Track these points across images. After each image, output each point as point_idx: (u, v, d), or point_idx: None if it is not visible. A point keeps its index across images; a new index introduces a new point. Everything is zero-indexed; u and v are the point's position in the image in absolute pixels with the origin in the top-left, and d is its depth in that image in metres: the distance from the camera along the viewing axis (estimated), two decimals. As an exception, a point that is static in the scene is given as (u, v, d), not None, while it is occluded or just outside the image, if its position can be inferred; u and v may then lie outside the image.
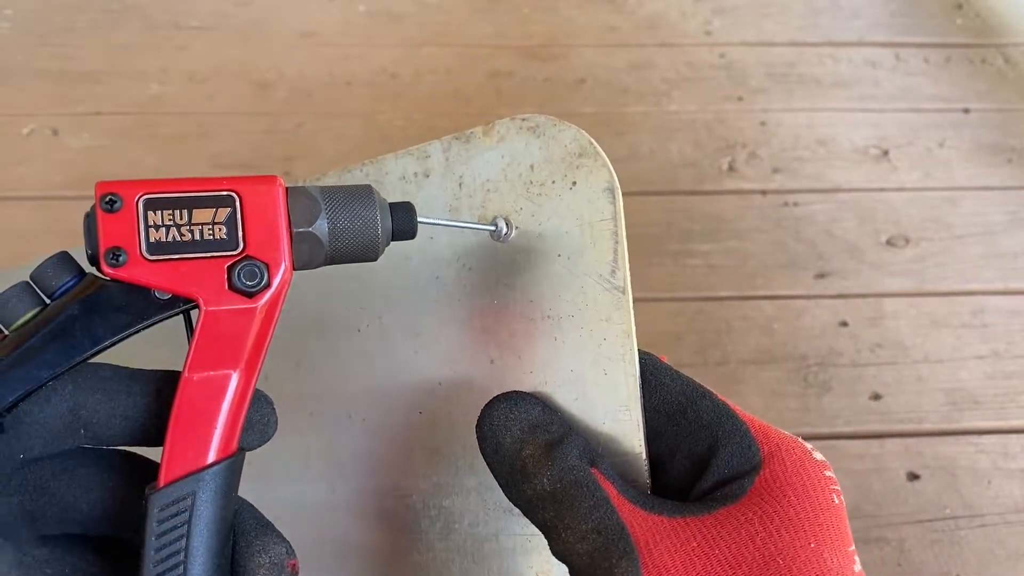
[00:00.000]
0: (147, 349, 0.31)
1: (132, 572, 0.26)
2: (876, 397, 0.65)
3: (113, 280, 0.27)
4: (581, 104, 0.86)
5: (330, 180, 0.38)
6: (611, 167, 0.30)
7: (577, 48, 0.92)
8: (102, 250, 0.26)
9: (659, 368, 0.31)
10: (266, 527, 0.29)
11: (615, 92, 0.88)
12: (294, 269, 0.28)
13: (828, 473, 0.29)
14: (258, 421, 0.28)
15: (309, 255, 0.28)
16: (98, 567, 0.28)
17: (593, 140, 0.31)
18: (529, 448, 0.29)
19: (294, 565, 0.28)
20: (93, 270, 0.27)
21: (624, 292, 0.30)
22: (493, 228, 0.32)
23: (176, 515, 0.26)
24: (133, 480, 0.28)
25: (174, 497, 0.26)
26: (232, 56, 0.90)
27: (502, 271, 0.33)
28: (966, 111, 0.87)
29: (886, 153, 0.83)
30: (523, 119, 0.33)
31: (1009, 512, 0.59)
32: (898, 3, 0.99)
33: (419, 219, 0.30)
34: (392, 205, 0.30)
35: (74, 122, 0.83)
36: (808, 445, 0.30)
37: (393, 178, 0.36)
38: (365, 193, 0.29)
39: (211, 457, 0.26)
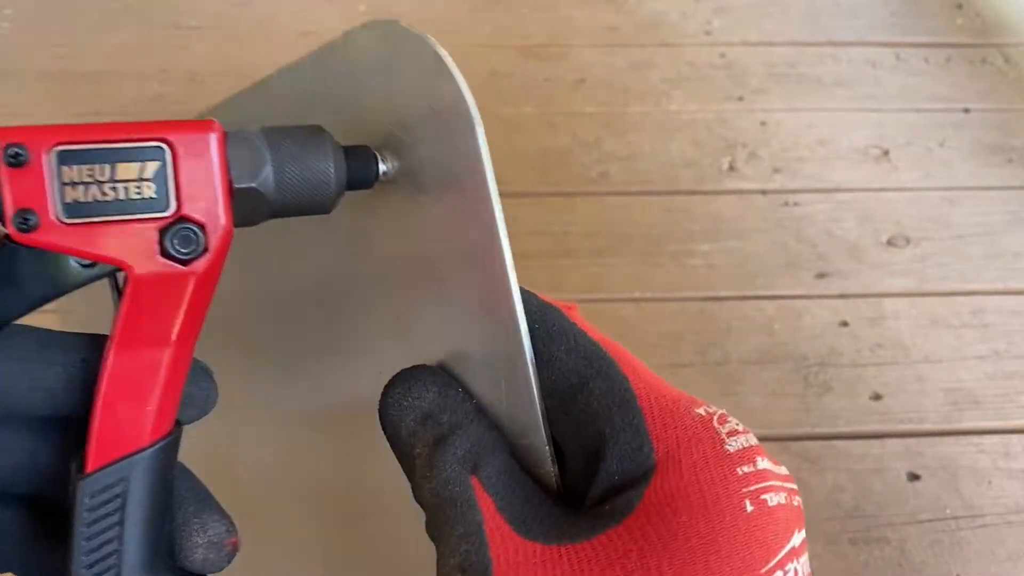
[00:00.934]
0: (81, 305, 0.29)
1: (62, 532, 0.24)
2: (876, 397, 0.65)
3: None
4: (581, 104, 0.86)
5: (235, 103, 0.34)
6: (465, 91, 0.25)
7: (577, 48, 0.92)
8: (9, 213, 0.22)
9: (555, 334, 0.26)
10: (204, 502, 0.26)
11: (615, 92, 0.87)
12: (234, 227, 0.25)
13: (745, 469, 0.23)
14: (197, 395, 0.25)
15: (251, 212, 0.25)
16: (20, 524, 0.26)
17: (443, 55, 0.27)
18: (419, 446, 0.26)
19: (234, 543, 0.26)
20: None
21: (494, 236, 0.25)
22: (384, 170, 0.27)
23: (107, 502, 0.23)
24: (60, 445, 0.25)
25: (104, 484, 0.23)
26: (232, 56, 0.90)
27: (378, 223, 0.29)
28: (966, 111, 0.87)
29: (886, 153, 0.83)
30: (371, 25, 0.28)
31: (1010, 512, 0.59)
32: (898, 3, 0.99)
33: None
34: (347, 149, 0.26)
35: (74, 122, 0.82)
36: (724, 430, 0.24)
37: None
38: (317, 139, 0.25)
39: (145, 439, 0.24)
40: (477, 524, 0.24)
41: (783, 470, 0.25)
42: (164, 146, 0.23)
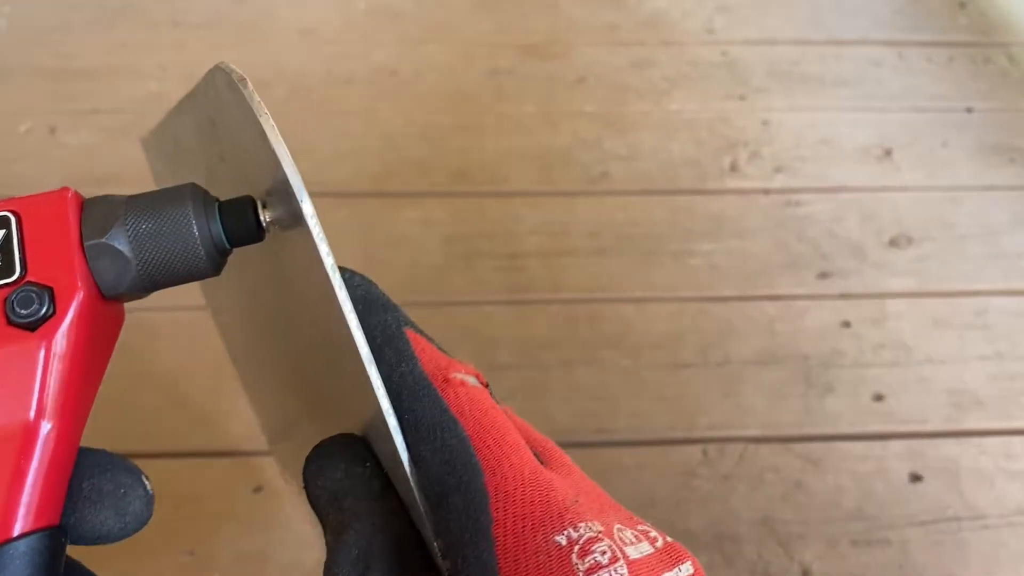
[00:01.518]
0: None
1: None
2: (879, 398, 0.64)
3: None
4: (582, 102, 0.86)
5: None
6: (284, 162, 0.23)
7: (578, 46, 0.92)
8: None
9: (423, 428, 0.23)
10: None
11: (616, 90, 0.87)
12: (105, 295, 0.23)
13: None
14: (110, 492, 0.22)
15: (114, 274, 0.23)
16: None
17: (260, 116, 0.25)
18: (327, 530, 0.24)
19: None
20: None
21: (341, 324, 0.23)
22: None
23: None
24: None
25: None
26: (231, 54, 0.89)
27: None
28: (969, 111, 0.87)
29: (889, 152, 0.82)
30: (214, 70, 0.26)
31: (1012, 514, 0.59)
32: (901, 2, 0.99)
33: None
34: (225, 204, 0.24)
35: (72, 120, 0.82)
36: (584, 565, 0.21)
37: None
38: (179, 191, 0.24)
39: (4, 535, 0.21)
40: None
41: None
42: (10, 215, 0.23)
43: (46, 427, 0.21)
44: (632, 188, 0.78)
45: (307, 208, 0.22)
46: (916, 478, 0.60)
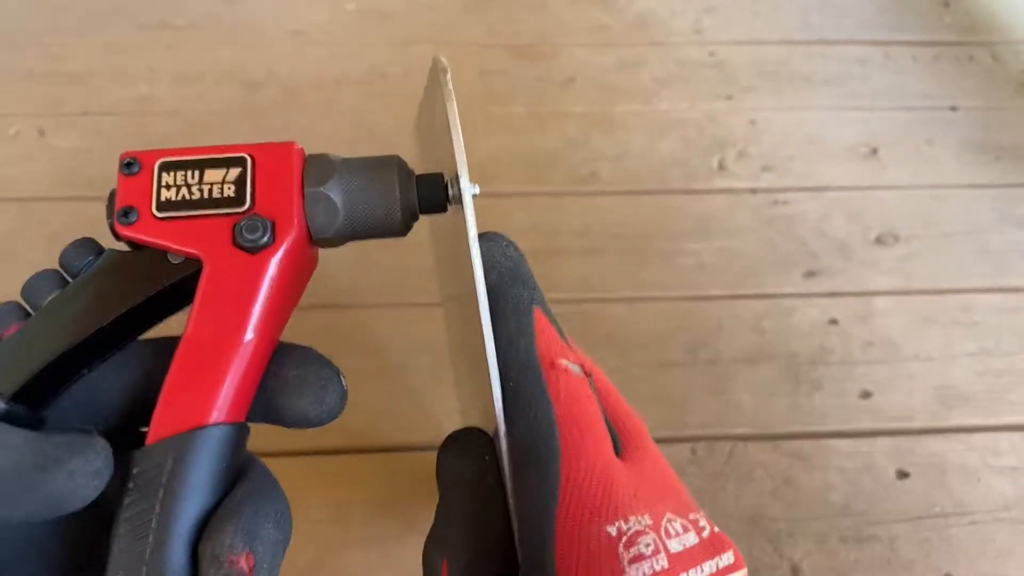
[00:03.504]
0: None
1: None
2: (866, 395, 0.65)
3: (128, 243, 0.27)
4: (571, 103, 0.86)
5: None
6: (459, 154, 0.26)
7: (567, 47, 0.92)
8: (116, 210, 0.26)
9: (521, 402, 0.25)
10: (232, 513, 0.24)
11: (605, 91, 0.87)
12: (312, 238, 0.27)
13: None
14: (313, 382, 0.26)
15: (323, 219, 0.27)
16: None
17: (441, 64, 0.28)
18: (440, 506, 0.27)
19: (234, 561, 0.24)
20: (115, 246, 0.27)
21: (476, 301, 0.25)
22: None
23: (153, 477, 0.23)
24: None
25: (153, 458, 0.24)
26: (221, 56, 0.89)
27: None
28: (954, 109, 0.87)
29: (875, 151, 0.83)
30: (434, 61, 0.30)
31: (999, 509, 0.59)
32: (886, 1, 0.99)
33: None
34: (419, 176, 0.28)
35: (61, 122, 0.82)
36: (629, 555, 0.24)
37: None
38: (387, 161, 0.28)
39: (202, 420, 0.24)
40: None
41: (715, 567, 0.24)
42: (247, 156, 0.27)
43: (249, 338, 0.25)
44: (621, 188, 0.78)
45: (463, 181, 0.26)
46: (903, 475, 0.61)
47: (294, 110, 0.84)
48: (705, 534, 0.25)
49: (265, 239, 0.26)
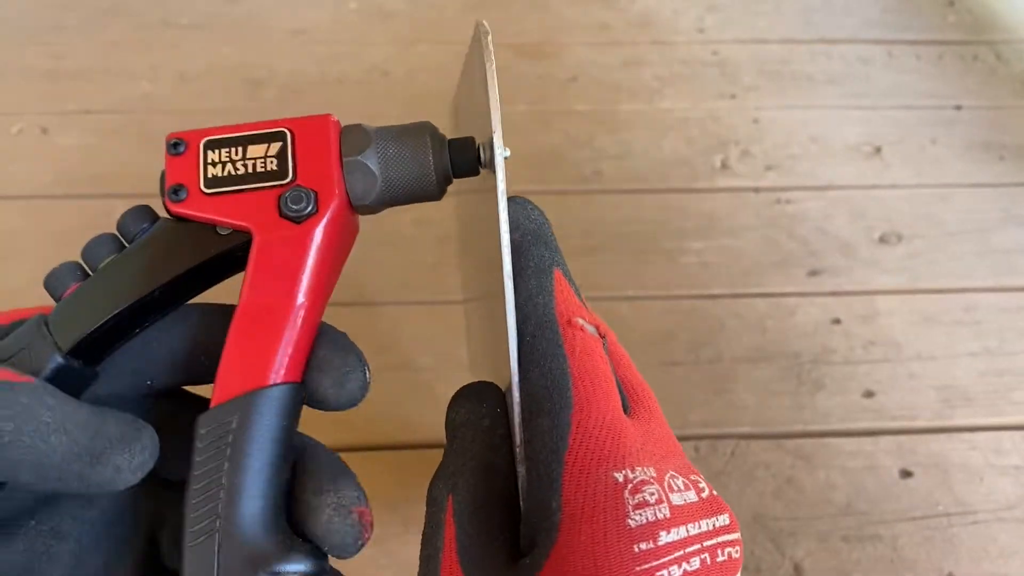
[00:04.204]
0: None
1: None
2: (869, 394, 0.65)
3: (178, 219, 0.28)
4: (574, 102, 0.86)
5: None
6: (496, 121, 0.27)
7: (570, 45, 0.92)
8: (167, 188, 0.27)
9: (537, 355, 0.27)
10: (339, 471, 0.27)
11: (608, 89, 0.87)
12: (353, 205, 0.28)
13: (642, 546, 0.23)
14: (336, 366, 0.27)
15: (363, 186, 0.28)
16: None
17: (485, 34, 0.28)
18: (444, 454, 0.28)
19: (363, 513, 0.27)
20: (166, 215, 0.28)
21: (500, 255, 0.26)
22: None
23: (220, 437, 0.25)
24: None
25: (219, 419, 0.25)
26: (223, 54, 0.89)
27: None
28: (958, 108, 0.87)
29: (878, 150, 0.83)
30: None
31: (1001, 509, 0.59)
32: (890, 0, 0.99)
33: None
34: (453, 141, 0.29)
35: (64, 121, 0.82)
36: (633, 501, 0.24)
37: None
38: (419, 126, 0.29)
39: (262, 381, 0.26)
40: (436, 550, 0.26)
41: (711, 526, 0.25)
42: (287, 131, 0.28)
43: (301, 302, 0.26)
44: (624, 187, 0.78)
45: (497, 138, 0.27)
46: (906, 474, 0.61)
47: (296, 109, 0.84)
48: (704, 494, 0.26)
49: (309, 209, 0.27)
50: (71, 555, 0.27)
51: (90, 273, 0.28)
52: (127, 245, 0.28)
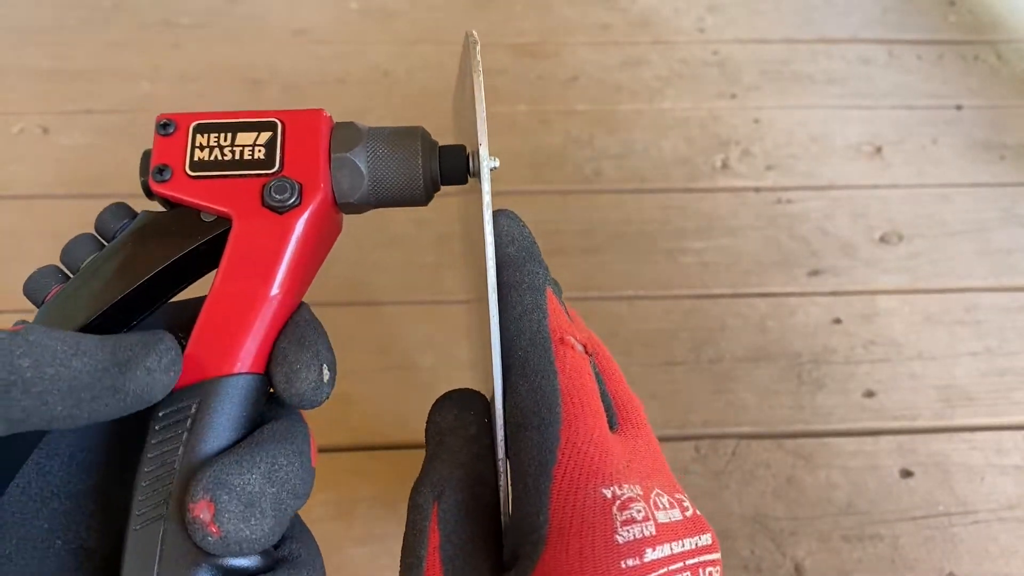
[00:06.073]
0: None
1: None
2: (870, 394, 0.65)
3: (160, 201, 0.27)
4: (574, 102, 0.86)
5: None
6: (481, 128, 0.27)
7: (570, 45, 0.92)
8: (151, 168, 0.27)
9: (528, 369, 0.27)
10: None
11: (608, 90, 0.87)
12: (337, 202, 0.28)
13: (629, 563, 0.23)
14: (291, 361, 0.26)
15: (349, 184, 0.28)
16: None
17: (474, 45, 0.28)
18: (424, 461, 0.28)
19: (191, 508, 0.24)
20: (148, 207, 0.28)
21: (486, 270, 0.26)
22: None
23: (176, 423, 0.24)
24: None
25: (177, 404, 0.25)
26: (224, 54, 0.89)
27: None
28: (959, 108, 0.87)
29: (879, 150, 0.83)
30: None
31: (1002, 508, 0.59)
32: (891, 0, 0.99)
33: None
34: (442, 147, 0.29)
35: (65, 120, 0.82)
36: (621, 517, 0.24)
37: None
38: (412, 131, 0.29)
39: (225, 369, 0.25)
40: (420, 558, 0.25)
41: (694, 545, 0.25)
42: (278, 121, 0.28)
43: (275, 294, 0.26)
44: (624, 186, 0.78)
45: (483, 151, 0.26)
46: (907, 473, 0.61)
47: (297, 108, 0.84)
48: (688, 513, 0.26)
49: (293, 200, 0.27)
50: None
51: (70, 275, 0.27)
52: (106, 244, 0.28)
